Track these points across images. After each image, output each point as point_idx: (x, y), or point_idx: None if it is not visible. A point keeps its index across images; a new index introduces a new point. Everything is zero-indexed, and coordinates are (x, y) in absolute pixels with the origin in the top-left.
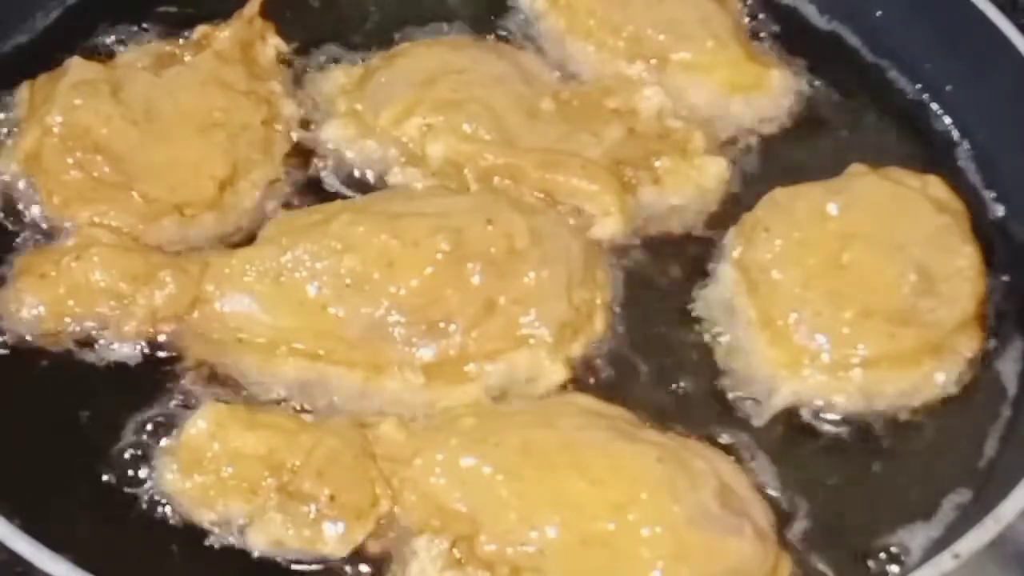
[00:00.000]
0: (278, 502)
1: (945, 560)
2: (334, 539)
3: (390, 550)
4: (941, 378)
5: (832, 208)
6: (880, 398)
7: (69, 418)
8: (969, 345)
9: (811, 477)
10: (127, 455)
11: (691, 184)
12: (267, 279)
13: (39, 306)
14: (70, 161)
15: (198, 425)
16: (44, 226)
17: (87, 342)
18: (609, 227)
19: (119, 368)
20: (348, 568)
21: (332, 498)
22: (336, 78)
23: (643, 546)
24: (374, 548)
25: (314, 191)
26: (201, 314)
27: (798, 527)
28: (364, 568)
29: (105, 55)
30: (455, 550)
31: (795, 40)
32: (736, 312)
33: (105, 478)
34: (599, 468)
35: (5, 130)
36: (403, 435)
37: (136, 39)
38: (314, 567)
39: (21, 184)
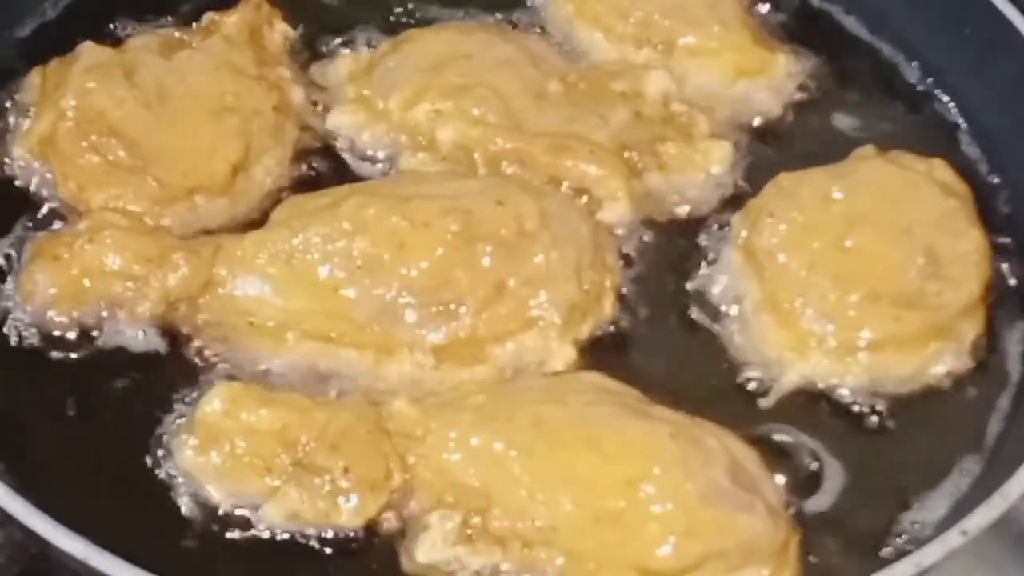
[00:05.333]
0: (293, 476)
1: (953, 537)
2: (349, 511)
3: (403, 525)
4: (947, 361)
5: (837, 192)
6: (886, 380)
7: (82, 400)
8: (974, 328)
9: (818, 457)
10: (141, 435)
11: (696, 168)
12: (279, 261)
13: (53, 288)
14: (84, 145)
15: (213, 403)
16: (58, 210)
17: (100, 325)
18: (616, 211)
19: (132, 351)
20: (361, 542)
21: (346, 470)
22: (344, 64)
23: (655, 522)
24: (387, 523)
25: (324, 176)
26: (213, 297)
27: (806, 505)
28: (377, 543)
29: (114, 41)
30: (467, 527)
31: (800, 25)
32: (743, 296)
33: (120, 458)
34: (611, 444)
35: (14, 117)
36: (416, 411)
37: (144, 25)
38: (328, 542)
39: (35, 168)
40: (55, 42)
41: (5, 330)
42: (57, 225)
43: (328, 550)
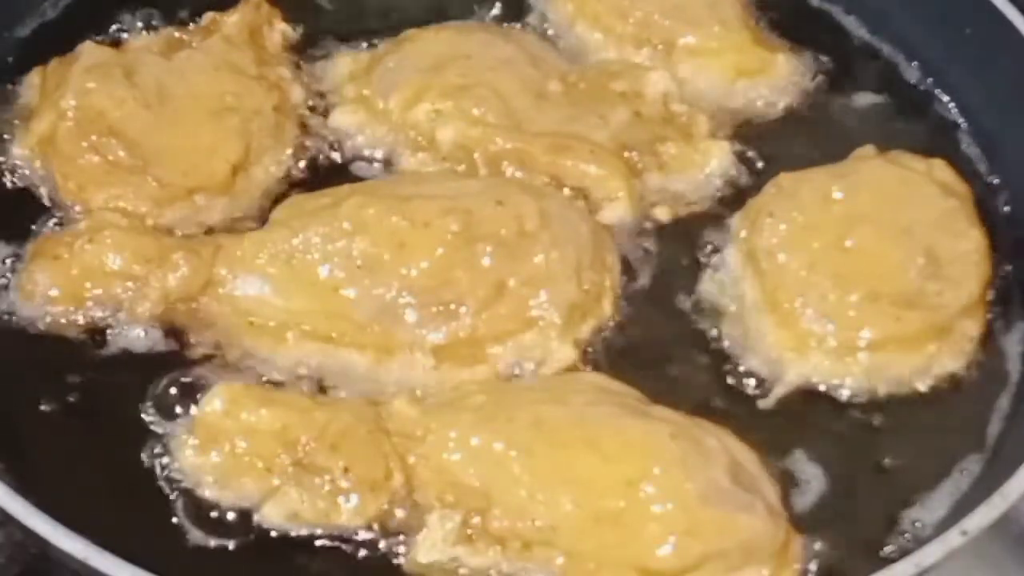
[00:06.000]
0: (293, 476)
1: (953, 537)
2: (349, 511)
3: (403, 525)
4: (947, 360)
5: (837, 192)
6: (886, 380)
7: (83, 400)
8: (974, 328)
9: (818, 457)
10: (141, 435)
11: (696, 168)
12: (278, 261)
13: (53, 288)
14: (85, 145)
15: (213, 404)
16: (58, 210)
17: (101, 325)
18: (617, 211)
19: (132, 351)
20: (361, 542)
21: (346, 470)
22: (344, 64)
23: (655, 522)
24: (387, 523)
25: (324, 176)
26: (213, 297)
27: (806, 506)
28: (377, 543)
29: (114, 41)
30: (467, 527)
31: (800, 25)
32: (743, 296)
33: (120, 458)
34: (612, 444)
35: (14, 117)
36: (416, 411)
37: (144, 25)
38: (328, 542)
39: (35, 168)
40: (55, 42)
41: (5, 329)
42: (57, 225)
43: (328, 550)
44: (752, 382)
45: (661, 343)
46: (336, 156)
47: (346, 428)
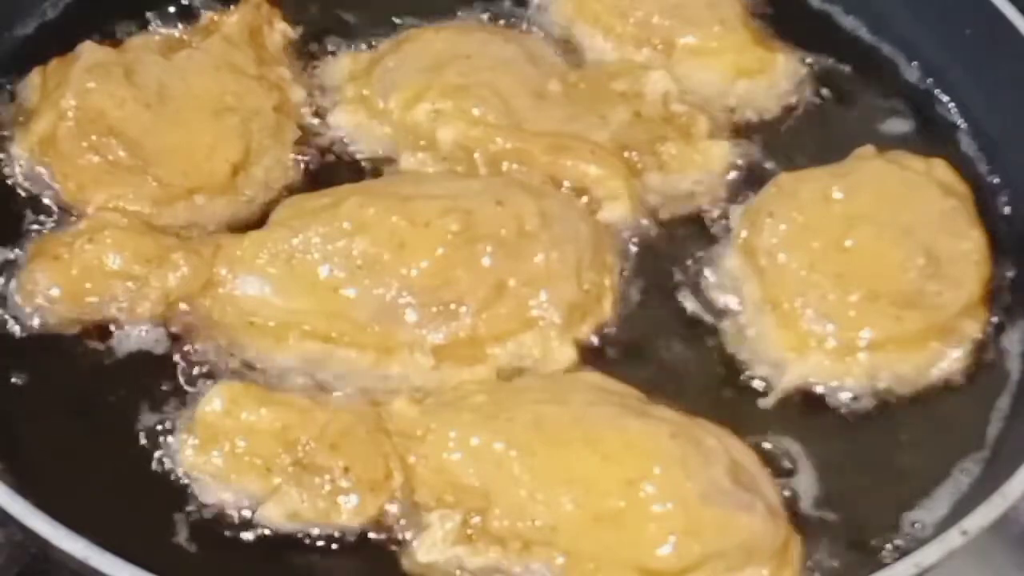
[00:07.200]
0: (293, 475)
1: (953, 536)
2: (349, 511)
3: (403, 525)
4: (947, 360)
5: (837, 192)
6: (887, 380)
7: (83, 399)
8: (975, 327)
9: (818, 457)
10: (141, 436)
11: (696, 168)
12: (279, 261)
13: (53, 288)
14: (84, 145)
15: (213, 403)
16: (58, 210)
17: (101, 325)
18: (617, 211)
19: (132, 351)
20: (361, 542)
21: (346, 470)
22: (344, 64)
23: (655, 522)
24: (387, 522)
25: (324, 176)
26: (213, 297)
27: (806, 506)
28: (377, 543)
29: (114, 41)
30: (467, 527)
31: (801, 25)
32: (743, 296)
33: (120, 457)
34: (612, 444)
35: (14, 117)
36: (416, 411)
37: (144, 26)
38: (328, 542)
39: (35, 169)
40: (55, 42)
41: (5, 330)
42: (57, 225)
43: (328, 550)
44: (752, 382)
45: (661, 343)
46: (336, 156)
47: (346, 428)
